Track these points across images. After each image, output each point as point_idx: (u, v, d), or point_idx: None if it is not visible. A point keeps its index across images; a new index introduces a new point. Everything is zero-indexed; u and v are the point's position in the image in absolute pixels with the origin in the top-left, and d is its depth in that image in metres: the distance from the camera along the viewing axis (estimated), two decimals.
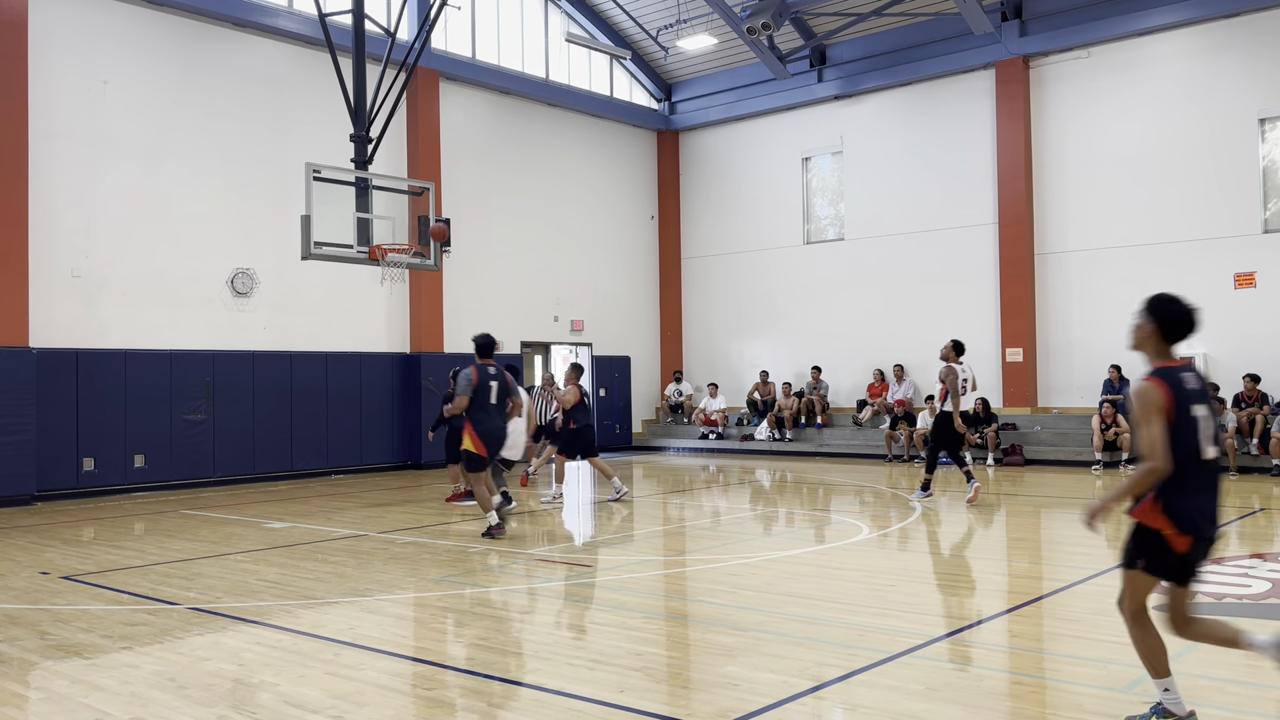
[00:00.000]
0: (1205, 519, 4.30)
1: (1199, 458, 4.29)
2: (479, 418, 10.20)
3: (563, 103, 21.82)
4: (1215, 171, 17.14)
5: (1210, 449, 4.33)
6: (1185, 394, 4.30)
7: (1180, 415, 4.26)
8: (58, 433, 14.39)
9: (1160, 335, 4.46)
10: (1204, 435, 4.30)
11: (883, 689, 5.12)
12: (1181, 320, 4.42)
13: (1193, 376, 4.40)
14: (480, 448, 10.18)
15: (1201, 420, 4.31)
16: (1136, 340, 4.56)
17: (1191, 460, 4.26)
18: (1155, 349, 4.49)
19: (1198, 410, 4.31)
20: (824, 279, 21.61)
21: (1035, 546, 10.04)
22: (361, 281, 17.66)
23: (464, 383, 10.20)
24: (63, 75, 14.81)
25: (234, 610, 7.17)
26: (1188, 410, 4.28)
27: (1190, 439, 4.27)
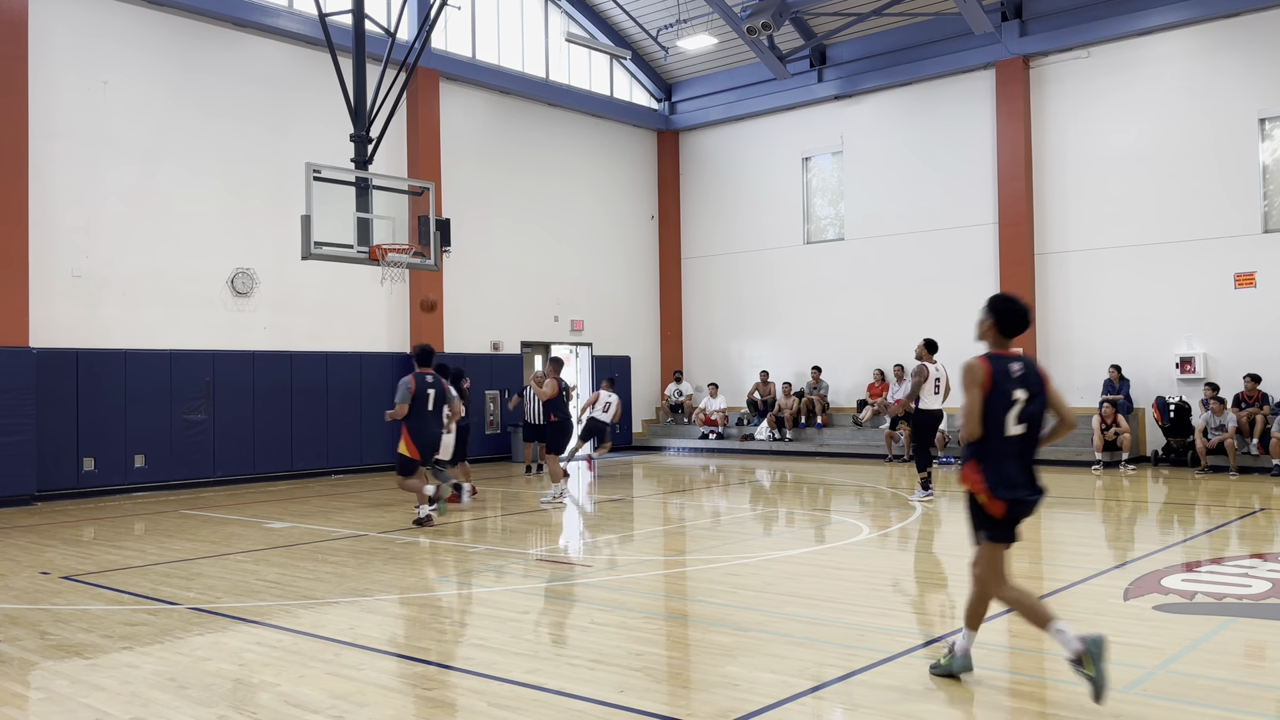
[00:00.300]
0: (1013, 484, 5.01)
1: (1004, 432, 5.02)
2: (416, 424, 10.81)
3: (563, 103, 21.82)
4: (1215, 171, 17.14)
5: (1016, 427, 5.03)
6: (1005, 377, 5.05)
7: (995, 393, 5.01)
8: (58, 433, 14.39)
9: (997, 329, 5.22)
10: (1013, 414, 5.03)
11: (883, 689, 5.12)
12: (1015, 318, 5.18)
13: (1019, 366, 5.11)
14: (414, 452, 10.85)
15: (1017, 403, 5.03)
16: (980, 333, 5.32)
17: (999, 433, 5.02)
18: (994, 340, 5.25)
19: (1016, 394, 5.03)
20: (824, 279, 21.60)
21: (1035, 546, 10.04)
22: (361, 281, 17.66)
23: (403, 390, 10.75)
24: (63, 75, 14.81)
25: (234, 610, 7.17)
26: (1003, 390, 5.02)
27: (999, 415, 5.00)
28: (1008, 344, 5.22)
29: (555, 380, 13.22)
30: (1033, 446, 5.11)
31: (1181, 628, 6.25)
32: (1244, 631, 6.21)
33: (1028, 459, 5.09)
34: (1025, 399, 5.04)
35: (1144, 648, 5.77)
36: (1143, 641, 5.91)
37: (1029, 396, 5.05)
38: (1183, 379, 17.28)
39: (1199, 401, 16.36)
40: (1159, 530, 10.88)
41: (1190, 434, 16.47)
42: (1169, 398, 17.06)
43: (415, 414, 10.78)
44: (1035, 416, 5.07)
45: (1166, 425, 16.91)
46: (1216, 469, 15.64)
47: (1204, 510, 11.90)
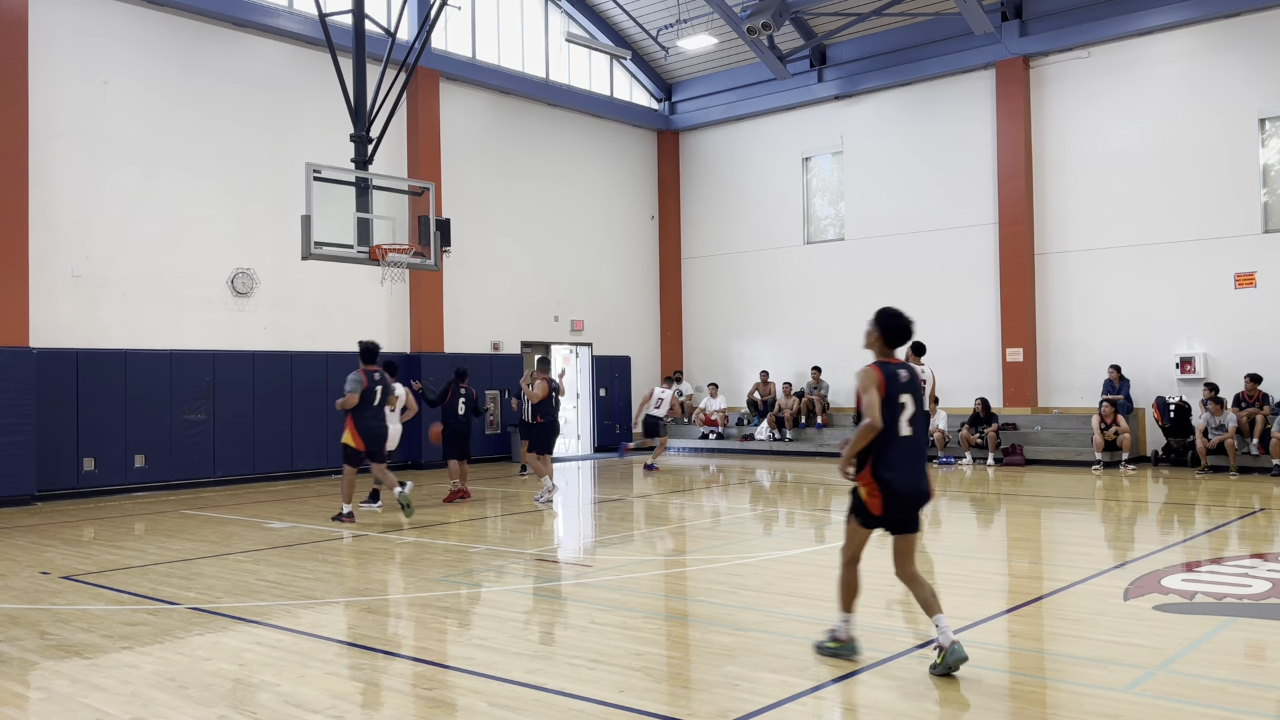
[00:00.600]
0: (902, 484, 5.41)
1: (897, 435, 5.42)
2: (362, 417, 11.30)
3: (563, 103, 21.82)
4: (1215, 171, 17.14)
5: (906, 429, 5.45)
6: (895, 383, 5.46)
7: (888, 398, 5.41)
8: (58, 433, 14.39)
9: (883, 340, 5.68)
10: (903, 418, 5.44)
11: (883, 689, 5.12)
12: (899, 330, 5.68)
13: (904, 373, 5.55)
14: (359, 443, 11.29)
15: (904, 407, 5.45)
16: (867, 343, 5.76)
17: (891, 435, 5.41)
18: (879, 350, 5.68)
19: (903, 398, 5.45)
20: (824, 279, 21.60)
21: (1035, 546, 10.04)
22: (361, 281, 17.66)
23: (353, 384, 11.21)
24: (63, 75, 14.81)
25: (234, 610, 7.17)
26: (893, 396, 5.42)
27: (893, 419, 5.41)
28: (892, 353, 5.68)
29: (544, 381, 13.26)
30: (922, 447, 5.56)
31: (1181, 628, 6.25)
32: (1244, 631, 6.21)
33: (918, 460, 5.52)
34: (912, 404, 5.48)
35: (1144, 648, 5.78)
36: (1143, 641, 5.92)
37: (914, 402, 5.49)
38: (1183, 379, 17.28)
39: (1199, 402, 16.36)
40: (1159, 530, 10.88)
41: (1190, 434, 16.47)
42: (1169, 398, 17.06)
43: (363, 407, 11.27)
44: (920, 420, 5.52)
45: (1166, 425, 16.91)
46: (1216, 469, 15.64)
47: (1204, 510, 11.90)
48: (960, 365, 19.46)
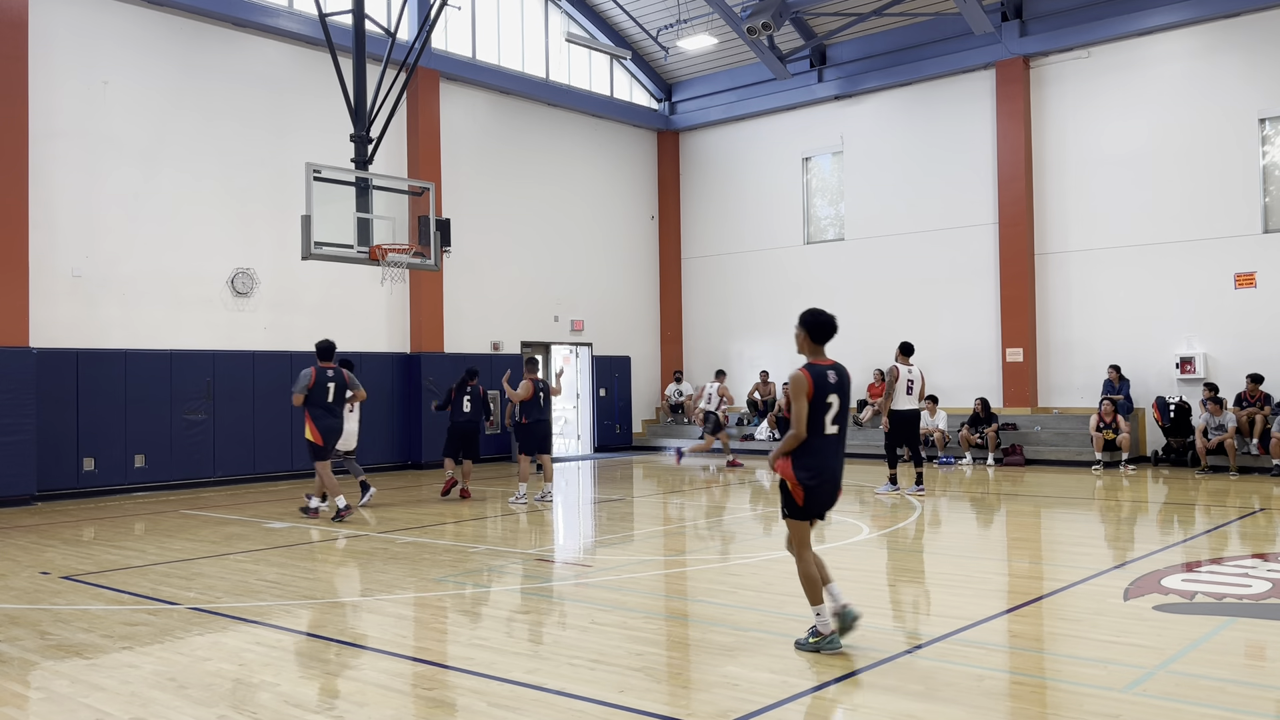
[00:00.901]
0: (824, 477, 5.79)
1: (823, 432, 5.76)
2: (319, 414, 11.64)
3: (563, 103, 21.82)
4: (1215, 171, 17.14)
5: (831, 428, 5.79)
6: (823, 384, 5.75)
7: (816, 399, 5.70)
8: (58, 433, 14.39)
9: (810, 339, 5.93)
10: (828, 417, 5.77)
11: (883, 689, 5.12)
12: (823, 327, 5.93)
13: (833, 373, 5.84)
14: (319, 439, 11.64)
15: (830, 406, 5.78)
16: (797, 344, 6.03)
17: (819, 433, 5.74)
18: (809, 350, 5.93)
19: (830, 398, 5.77)
20: (824, 279, 21.60)
21: (1035, 546, 10.04)
22: (361, 281, 17.66)
23: (302, 381, 11.60)
24: (63, 76, 14.82)
25: (234, 610, 7.17)
26: (822, 397, 5.73)
27: (819, 418, 5.72)
28: (821, 352, 5.95)
29: (531, 381, 13.27)
30: (842, 444, 5.93)
31: (1181, 628, 6.25)
32: (1244, 631, 6.21)
33: (839, 455, 5.92)
34: (838, 404, 5.82)
35: (1144, 648, 5.78)
36: (1143, 641, 5.92)
37: (841, 401, 5.84)
38: (1183, 379, 17.28)
39: (1199, 402, 16.36)
40: (1159, 530, 10.88)
41: (1190, 434, 16.47)
42: (1169, 398, 17.06)
43: (318, 404, 11.61)
44: (844, 418, 5.89)
45: (1166, 425, 16.91)
46: (1216, 469, 15.64)
47: (1204, 510, 11.90)
48: (960, 365, 19.47)
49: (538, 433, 13.28)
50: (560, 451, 22.24)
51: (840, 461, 5.89)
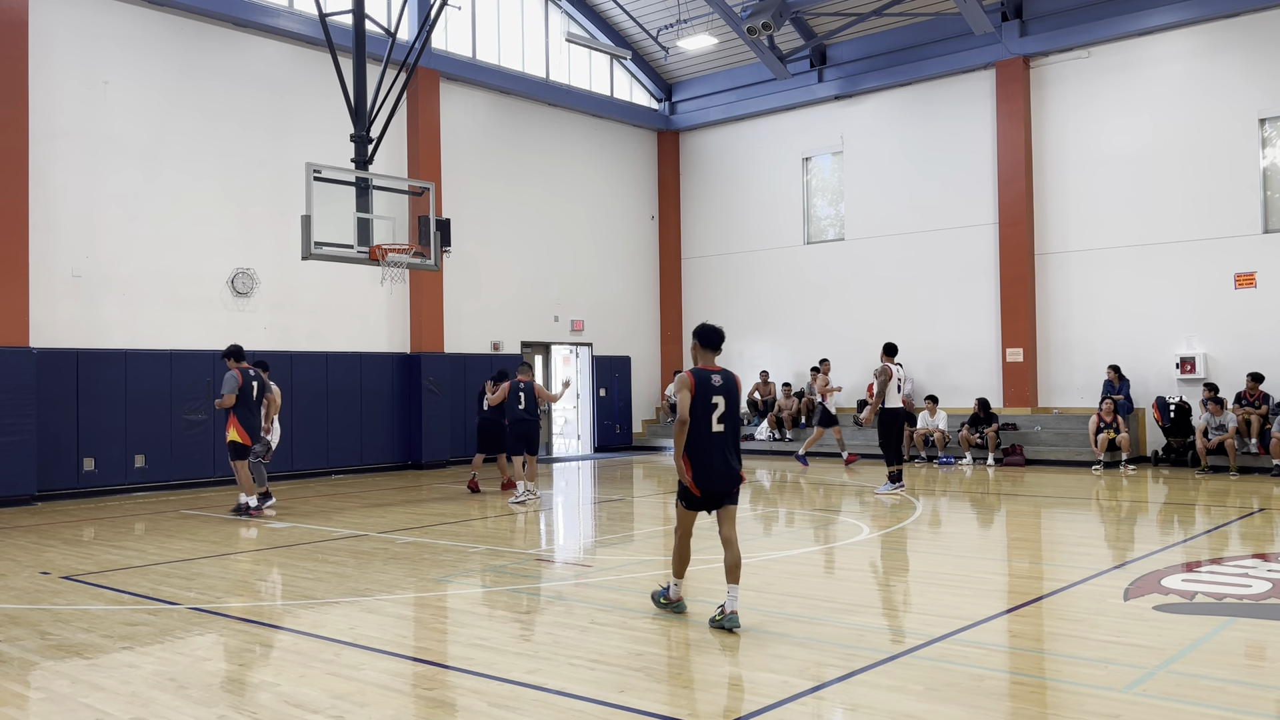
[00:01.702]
0: (712, 472, 6.50)
1: (709, 430, 6.49)
2: (244, 414, 12.05)
3: (563, 103, 21.82)
4: (1215, 171, 17.14)
5: (717, 425, 6.51)
6: (707, 387, 6.53)
7: (700, 399, 6.47)
8: (58, 433, 14.39)
9: (701, 347, 6.73)
10: (714, 416, 6.50)
11: (883, 689, 5.12)
12: (711, 337, 6.73)
13: (718, 378, 6.58)
14: (245, 438, 12.03)
15: (716, 406, 6.51)
16: (693, 356, 6.83)
17: (704, 431, 6.49)
18: (701, 357, 6.74)
19: (715, 399, 6.50)
20: (824, 279, 21.60)
21: (1035, 546, 10.04)
22: (361, 281, 17.66)
23: (231, 383, 11.95)
24: (63, 76, 14.82)
25: (234, 610, 7.17)
26: (706, 397, 6.49)
27: (704, 417, 6.48)
28: (711, 360, 6.71)
29: (508, 385, 13.52)
30: (730, 439, 6.59)
31: (1181, 628, 6.24)
32: (1244, 631, 6.21)
33: (728, 450, 6.57)
34: (723, 404, 6.53)
35: (1144, 648, 5.77)
36: (1143, 641, 5.91)
37: (726, 402, 6.55)
38: (1183, 379, 17.28)
39: (1199, 402, 16.36)
40: (1159, 530, 10.88)
41: (1190, 434, 16.47)
42: (1169, 398, 17.06)
43: (243, 404, 12.01)
44: (730, 418, 6.57)
45: (1167, 425, 16.91)
46: (1216, 469, 15.64)
47: (1204, 510, 11.90)
48: (960, 365, 19.46)
49: (515, 433, 13.41)
50: (560, 451, 22.26)
51: (724, 455, 6.54)
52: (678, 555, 6.81)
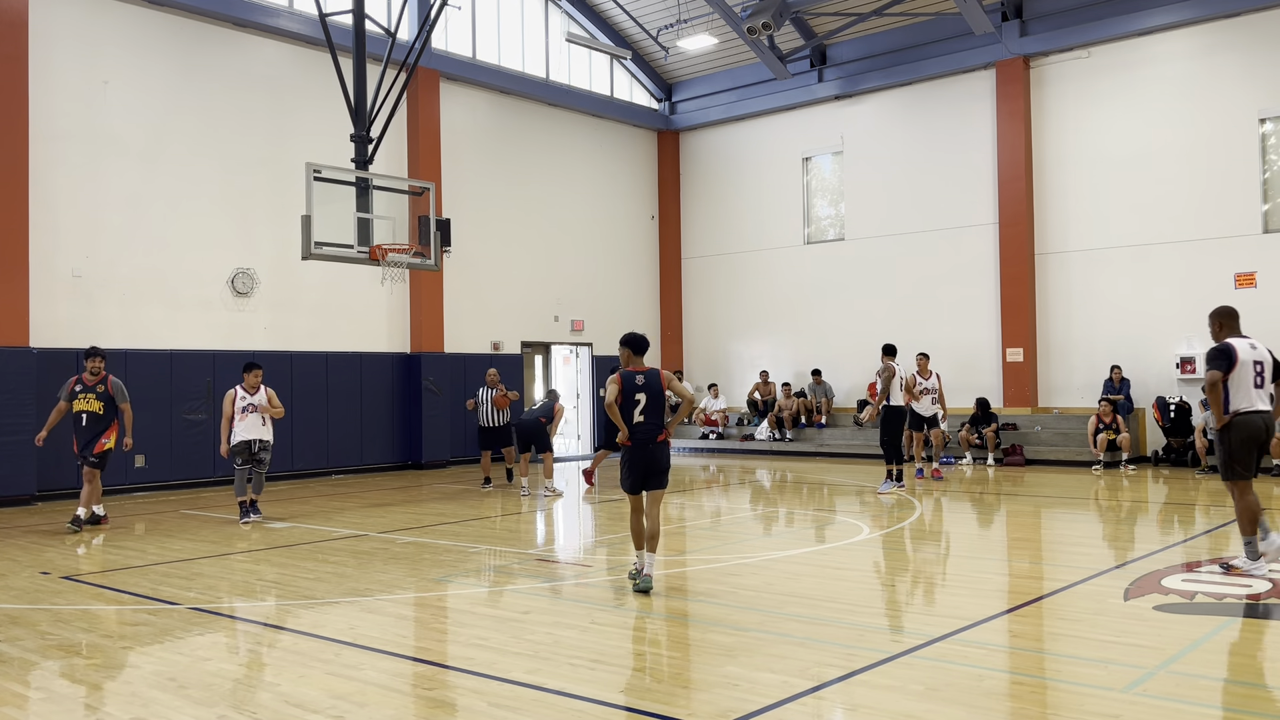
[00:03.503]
0: (636, 457, 7.70)
1: (633, 420, 7.66)
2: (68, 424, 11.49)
3: (563, 103, 21.82)
4: (1215, 171, 17.14)
5: (639, 416, 7.66)
6: (631, 384, 7.67)
7: (626, 396, 7.65)
8: (58, 433, 14.30)
9: (630, 353, 7.83)
10: (636, 410, 7.64)
11: (883, 689, 5.12)
12: (636, 344, 7.83)
13: (640, 378, 7.70)
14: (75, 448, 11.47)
15: (639, 402, 7.65)
16: (623, 360, 7.89)
17: (629, 421, 7.65)
18: (628, 360, 7.84)
19: (638, 396, 7.67)
20: (824, 279, 21.60)
21: (1035, 546, 10.04)
22: (361, 281, 17.66)
23: (64, 389, 11.46)
24: (63, 76, 14.81)
25: (234, 610, 7.17)
26: (630, 394, 7.66)
27: (629, 410, 7.65)
28: (640, 362, 7.82)
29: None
30: (652, 430, 7.69)
31: (1181, 628, 6.25)
32: (1244, 631, 6.21)
33: (649, 438, 7.69)
34: (645, 399, 7.69)
35: (1144, 648, 5.77)
36: (1143, 641, 5.91)
37: (648, 397, 7.69)
38: (1183, 379, 17.28)
39: (1199, 402, 16.36)
40: (1159, 530, 10.88)
41: (1190, 434, 16.47)
42: (1169, 398, 17.06)
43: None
44: (651, 409, 7.69)
45: (1167, 425, 16.91)
46: (1217, 469, 15.61)
47: (1204, 510, 11.90)
48: (960, 365, 19.45)
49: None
50: (560, 451, 22.24)
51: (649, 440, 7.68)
52: (635, 530, 7.81)
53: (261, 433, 11.79)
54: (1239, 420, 7.72)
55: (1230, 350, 7.87)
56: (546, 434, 14.25)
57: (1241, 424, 7.71)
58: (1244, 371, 7.80)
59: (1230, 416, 7.75)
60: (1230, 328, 8.23)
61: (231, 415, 11.68)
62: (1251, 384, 7.79)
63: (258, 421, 11.77)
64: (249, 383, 11.77)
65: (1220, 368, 7.80)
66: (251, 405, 11.75)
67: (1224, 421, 7.76)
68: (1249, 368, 7.83)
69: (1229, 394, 7.77)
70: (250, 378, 11.79)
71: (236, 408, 11.68)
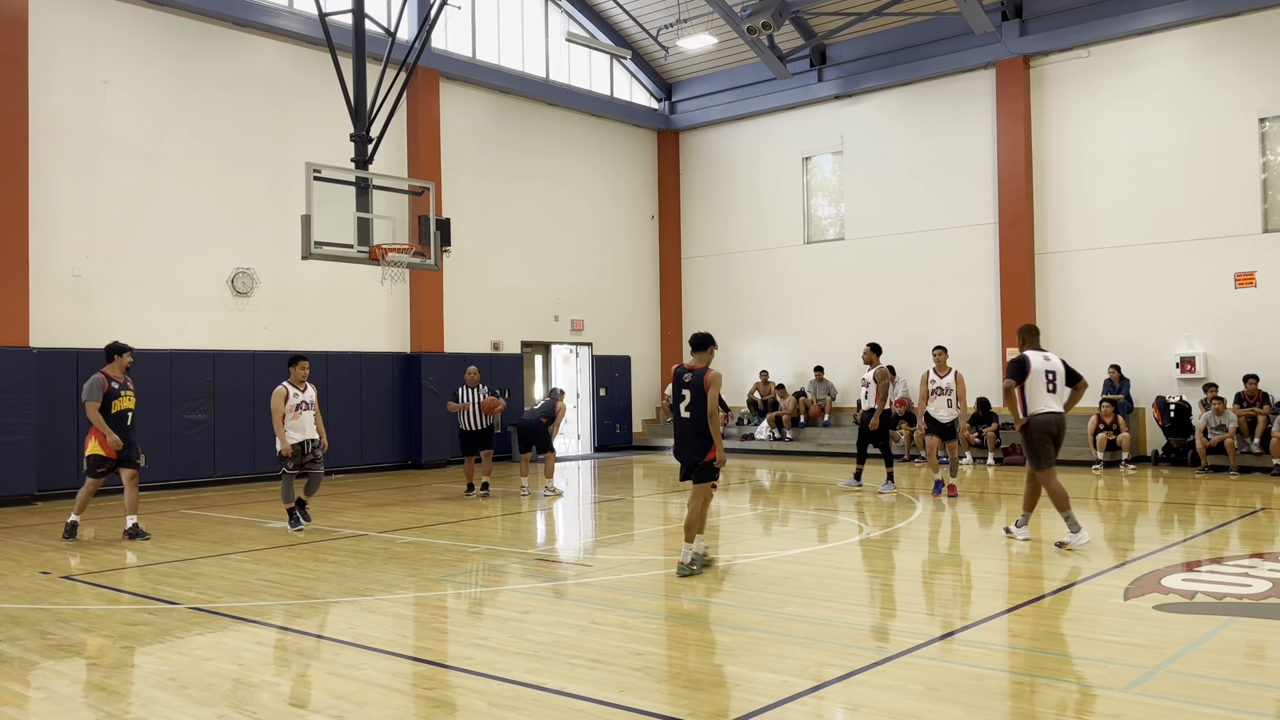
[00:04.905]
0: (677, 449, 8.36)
1: (679, 415, 8.17)
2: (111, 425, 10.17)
3: (563, 102, 21.82)
4: (1215, 171, 17.14)
5: (684, 413, 8.14)
6: (678, 381, 8.19)
7: (673, 392, 8.21)
8: (58, 433, 14.39)
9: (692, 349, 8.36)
10: (682, 405, 8.16)
11: (883, 689, 5.12)
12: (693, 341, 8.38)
13: (689, 376, 8.11)
14: (110, 451, 10.21)
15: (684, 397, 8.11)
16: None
17: (675, 416, 8.22)
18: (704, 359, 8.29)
19: (684, 391, 8.12)
20: (824, 279, 21.60)
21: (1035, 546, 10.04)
22: (361, 281, 17.66)
23: (95, 389, 10.13)
24: (63, 75, 14.81)
25: (234, 610, 7.17)
26: (676, 390, 8.19)
27: (676, 406, 8.19)
28: (699, 358, 8.19)
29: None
30: (688, 426, 8.12)
31: (1181, 628, 6.24)
32: (1244, 631, 6.21)
33: (688, 434, 8.13)
34: (689, 396, 8.02)
35: (1144, 648, 5.77)
36: (1143, 641, 5.91)
37: (691, 394, 8.02)
38: (1183, 379, 17.28)
39: (1199, 401, 16.36)
40: (1159, 530, 10.87)
41: (1190, 434, 16.47)
42: (1169, 398, 17.06)
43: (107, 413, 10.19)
44: (695, 408, 8.02)
45: (1167, 425, 16.91)
46: (1217, 469, 15.64)
47: (1204, 510, 11.90)
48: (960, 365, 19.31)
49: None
50: (560, 451, 22.23)
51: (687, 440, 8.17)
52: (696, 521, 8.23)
53: (313, 432, 10.98)
54: (1035, 420, 9.19)
55: (1025, 361, 9.26)
56: (548, 434, 14.21)
57: (1037, 423, 9.17)
58: (1036, 379, 9.22)
59: (1028, 418, 9.19)
60: (1031, 342, 9.62)
61: (284, 413, 10.74)
62: (1045, 389, 9.25)
63: (310, 420, 10.95)
64: (296, 376, 10.90)
65: (1014, 376, 9.24)
66: (304, 403, 10.88)
67: (1022, 422, 9.21)
68: (1041, 375, 9.25)
69: (1026, 399, 9.23)
70: (298, 371, 10.89)
71: (289, 405, 10.77)
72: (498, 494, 14.42)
